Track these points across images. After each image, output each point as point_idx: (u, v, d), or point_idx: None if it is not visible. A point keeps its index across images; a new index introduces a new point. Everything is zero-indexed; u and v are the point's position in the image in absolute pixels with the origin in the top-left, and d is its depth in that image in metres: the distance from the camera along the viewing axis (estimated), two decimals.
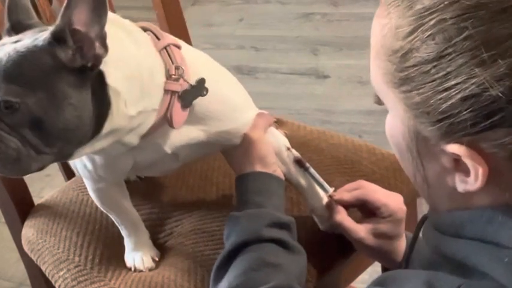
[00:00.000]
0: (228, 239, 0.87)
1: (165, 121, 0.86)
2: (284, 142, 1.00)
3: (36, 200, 1.21)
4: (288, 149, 0.99)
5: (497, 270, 0.56)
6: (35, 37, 0.77)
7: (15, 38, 0.79)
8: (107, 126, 0.79)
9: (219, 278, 0.83)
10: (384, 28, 0.59)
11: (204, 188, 1.13)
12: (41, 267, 1.08)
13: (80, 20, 0.75)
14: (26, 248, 1.14)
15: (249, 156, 0.93)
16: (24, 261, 1.26)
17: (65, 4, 0.74)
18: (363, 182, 0.97)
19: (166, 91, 0.84)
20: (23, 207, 1.18)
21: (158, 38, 0.87)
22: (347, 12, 2.87)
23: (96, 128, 0.79)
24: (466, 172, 0.57)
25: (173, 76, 0.85)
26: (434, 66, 0.55)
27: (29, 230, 1.13)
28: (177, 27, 1.32)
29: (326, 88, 2.43)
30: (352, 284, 1.25)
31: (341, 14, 2.88)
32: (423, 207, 0.72)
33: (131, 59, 0.81)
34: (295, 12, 2.96)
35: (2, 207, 1.22)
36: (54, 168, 1.20)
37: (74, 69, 0.76)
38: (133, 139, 0.85)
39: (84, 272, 1.01)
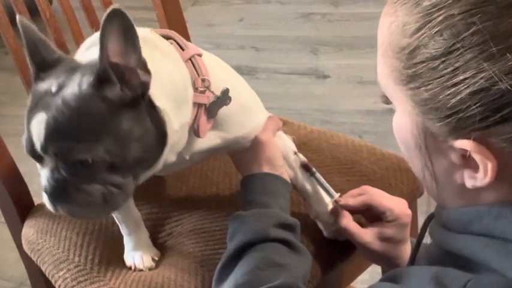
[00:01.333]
0: (233, 238, 0.87)
1: (191, 131, 0.86)
2: (291, 146, 1.00)
3: (36, 200, 1.20)
4: (295, 153, 0.99)
5: (505, 265, 0.56)
6: (78, 81, 0.75)
7: (54, 87, 0.76)
8: (168, 145, 0.80)
9: (224, 276, 0.83)
10: (391, 26, 0.60)
11: (204, 188, 1.13)
12: (41, 267, 1.08)
13: (116, 53, 0.74)
14: (26, 248, 1.13)
15: (257, 158, 0.93)
16: (24, 261, 1.25)
17: (99, 44, 0.72)
18: (367, 187, 0.97)
19: (193, 103, 0.84)
20: (23, 207, 1.18)
21: (182, 48, 0.86)
22: (347, 12, 2.87)
23: (160, 150, 0.80)
24: (475, 168, 0.57)
25: (199, 88, 0.84)
26: (443, 62, 0.55)
27: (29, 230, 1.13)
28: (177, 27, 1.32)
29: (326, 88, 2.43)
30: (352, 284, 1.25)
31: (341, 14, 2.87)
32: (431, 208, 0.72)
33: (165, 74, 0.81)
34: (295, 12, 2.96)
35: (2, 207, 1.21)
36: None
37: (126, 103, 0.75)
38: (171, 156, 0.85)
39: (84, 272, 1.01)
